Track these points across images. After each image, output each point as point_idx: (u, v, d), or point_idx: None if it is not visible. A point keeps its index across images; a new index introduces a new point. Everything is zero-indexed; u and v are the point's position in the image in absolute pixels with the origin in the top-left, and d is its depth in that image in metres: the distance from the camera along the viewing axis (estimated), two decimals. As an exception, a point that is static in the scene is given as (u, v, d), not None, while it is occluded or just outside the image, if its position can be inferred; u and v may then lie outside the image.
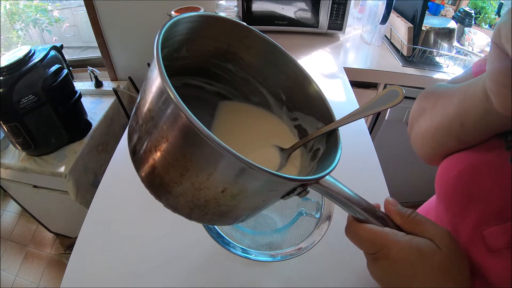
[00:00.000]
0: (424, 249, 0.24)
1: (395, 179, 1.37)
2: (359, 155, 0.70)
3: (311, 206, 0.45)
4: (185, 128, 0.20)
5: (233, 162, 0.20)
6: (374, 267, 0.26)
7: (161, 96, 0.20)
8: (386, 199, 0.28)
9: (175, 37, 0.26)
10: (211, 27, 0.29)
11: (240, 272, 0.48)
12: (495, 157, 0.28)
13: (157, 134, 0.22)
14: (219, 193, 0.22)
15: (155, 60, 0.21)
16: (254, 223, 0.53)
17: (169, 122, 0.21)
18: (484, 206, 0.29)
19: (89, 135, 1.17)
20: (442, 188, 0.34)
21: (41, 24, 1.64)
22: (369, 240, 0.25)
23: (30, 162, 1.07)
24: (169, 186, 0.24)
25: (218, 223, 0.28)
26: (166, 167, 0.23)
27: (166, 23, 0.24)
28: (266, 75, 0.34)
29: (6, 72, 0.89)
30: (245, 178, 0.21)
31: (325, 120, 0.32)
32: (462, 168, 0.31)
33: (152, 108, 0.22)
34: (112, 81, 1.46)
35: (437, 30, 1.08)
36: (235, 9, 1.05)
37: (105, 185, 0.62)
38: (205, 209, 0.24)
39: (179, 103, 0.19)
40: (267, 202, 0.27)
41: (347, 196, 0.27)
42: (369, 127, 1.27)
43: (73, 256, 0.50)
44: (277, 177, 0.21)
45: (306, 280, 0.47)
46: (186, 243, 0.51)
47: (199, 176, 0.22)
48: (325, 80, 0.98)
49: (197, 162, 0.21)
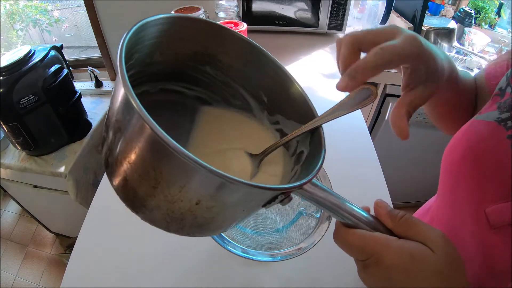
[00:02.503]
0: (417, 253, 0.23)
1: (395, 179, 1.37)
2: (359, 155, 0.70)
3: (311, 206, 0.45)
4: (151, 140, 0.19)
5: (205, 174, 0.19)
6: (365, 274, 0.25)
7: (126, 105, 0.19)
8: (375, 202, 0.27)
9: (144, 42, 0.25)
10: (184, 29, 0.27)
11: (240, 272, 0.48)
12: (496, 139, 0.30)
13: (125, 145, 0.21)
14: (193, 205, 0.21)
15: (117, 68, 0.20)
16: (254, 223, 0.53)
17: (135, 133, 0.20)
18: (487, 186, 0.30)
19: (89, 135, 1.17)
20: (448, 170, 0.35)
21: (41, 24, 1.65)
22: (359, 247, 0.24)
23: (30, 162, 1.07)
24: (143, 199, 0.23)
25: (199, 235, 0.27)
26: (138, 180, 0.22)
27: (132, 27, 0.22)
28: (246, 77, 0.33)
29: (6, 72, 0.89)
30: (219, 190, 0.20)
31: (308, 122, 0.30)
32: (467, 151, 0.32)
33: (119, 118, 0.21)
34: (112, 81, 1.46)
35: (437, 30, 1.08)
36: (235, 9, 1.05)
37: (105, 185, 0.62)
38: (182, 222, 0.23)
39: (143, 113, 0.17)
40: (248, 212, 0.25)
41: (333, 201, 0.25)
42: (369, 127, 1.27)
43: (73, 256, 0.50)
44: (253, 188, 0.20)
45: (306, 280, 0.47)
46: (186, 243, 0.51)
47: (171, 188, 0.21)
48: (325, 80, 0.98)
49: (167, 175, 0.20)
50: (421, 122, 1.16)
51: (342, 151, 0.70)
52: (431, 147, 1.26)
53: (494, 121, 0.31)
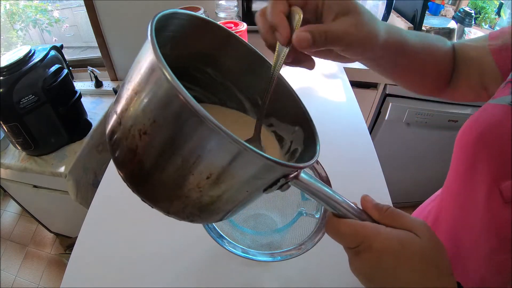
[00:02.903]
0: (405, 238, 0.24)
1: (395, 179, 1.37)
2: (359, 155, 0.70)
3: (311, 206, 0.45)
4: (177, 105, 0.19)
5: (226, 142, 0.19)
6: (357, 261, 0.26)
7: (152, 72, 0.20)
8: (362, 196, 0.28)
9: (165, 32, 0.26)
10: (198, 29, 0.29)
11: (240, 272, 0.48)
12: (509, 122, 0.32)
13: (142, 115, 0.21)
14: (203, 179, 0.22)
15: (148, 39, 0.20)
16: (254, 223, 0.53)
17: (157, 99, 0.20)
18: (501, 165, 0.32)
19: (89, 135, 1.17)
20: (463, 151, 0.37)
21: (41, 24, 1.65)
22: (351, 234, 0.26)
23: (30, 162, 1.07)
24: (150, 174, 0.23)
25: (197, 219, 0.27)
26: (149, 152, 0.22)
27: (163, 12, 0.23)
28: (244, 81, 0.34)
29: (6, 72, 0.89)
30: (233, 161, 0.21)
31: (301, 122, 0.32)
32: (482, 133, 0.34)
33: (139, 88, 0.21)
34: (112, 81, 1.46)
35: (437, 30, 1.08)
36: (235, 9, 1.05)
37: (105, 185, 0.62)
38: (186, 201, 0.23)
39: (173, 79, 0.18)
40: (251, 195, 0.26)
41: (325, 193, 0.27)
42: (369, 127, 1.27)
43: (73, 256, 0.50)
44: (266, 160, 0.20)
45: (306, 280, 0.47)
46: (186, 243, 0.51)
47: (185, 159, 0.21)
48: (325, 80, 0.98)
49: (185, 144, 0.20)
50: (421, 122, 1.16)
51: (342, 151, 0.70)
52: (431, 147, 1.27)
53: (508, 105, 0.33)
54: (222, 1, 1.04)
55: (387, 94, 1.13)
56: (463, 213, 0.39)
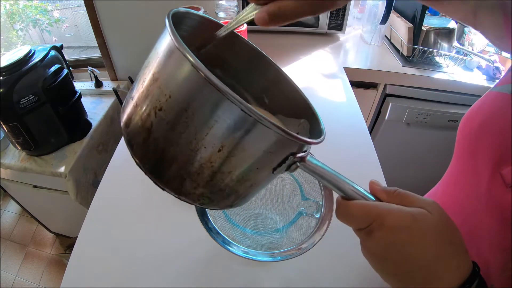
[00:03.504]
0: (417, 214, 0.24)
1: (395, 179, 1.38)
2: (359, 155, 0.70)
3: (311, 206, 0.45)
4: (192, 76, 0.20)
5: (239, 111, 0.20)
6: (369, 242, 0.25)
7: (170, 54, 0.21)
8: (370, 181, 0.29)
9: (178, 31, 0.26)
10: (208, 31, 0.29)
11: (240, 272, 0.48)
12: (509, 108, 0.33)
13: (159, 92, 0.22)
14: (215, 153, 0.22)
15: (166, 26, 0.22)
16: (254, 223, 0.53)
17: (176, 76, 0.21)
18: (502, 150, 0.33)
19: (89, 135, 1.17)
20: (467, 137, 0.38)
21: (41, 24, 1.65)
22: (362, 214, 0.25)
23: (30, 162, 1.07)
24: (164, 150, 0.23)
25: (207, 203, 0.26)
26: (164, 128, 0.23)
27: (177, 8, 0.24)
28: (251, 80, 0.35)
29: (6, 72, 0.89)
30: (247, 132, 0.21)
31: (307, 115, 0.33)
32: (484, 121, 0.35)
33: (156, 70, 0.22)
34: (112, 81, 1.46)
35: (437, 30, 1.08)
36: (235, 9, 1.05)
37: (105, 185, 0.62)
38: (197, 179, 0.24)
39: (191, 55, 0.19)
40: (260, 173, 0.26)
41: (333, 175, 0.27)
42: (369, 127, 1.27)
43: (73, 256, 0.50)
44: (278, 130, 0.21)
45: (306, 280, 0.47)
46: (186, 243, 0.51)
47: (199, 132, 0.22)
48: (325, 80, 0.98)
49: (199, 114, 0.21)
50: (421, 122, 1.16)
51: (342, 151, 0.70)
52: (431, 147, 1.27)
53: (510, 93, 0.34)
54: (222, 1, 1.04)
55: (387, 94, 1.14)
56: (467, 199, 0.39)
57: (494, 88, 0.37)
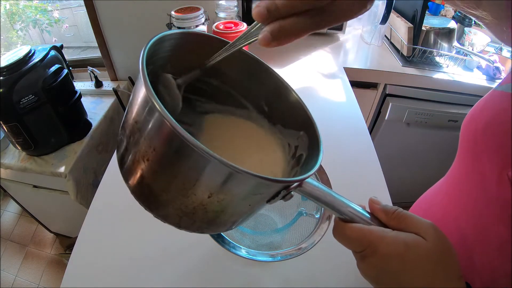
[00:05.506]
0: (411, 241, 0.24)
1: (395, 179, 1.37)
2: (359, 155, 0.70)
3: (311, 206, 0.45)
4: (170, 136, 0.20)
5: (217, 166, 0.20)
6: (363, 265, 0.26)
7: (146, 105, 0.21)
8: (370, 199, 0.29)
9: (159, 54, 0.27)
10: (193, 44, 0.30)
11: (240, 272, 0.48)
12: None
13: (144, 144, 0.22)
14: (205, 198, 0.23)
15: (140, 73, 0.21)
16: (254, 223, 0.53)
17: (154, 131, 0.21)
18: (508, 151, 0.32)
19: (89, 135, 1.17)
20: (471, 139, 0.38)
21: (41, 25, 1.64)
22: (356, 238, 0.26)
23: (30, 162, 1.07)
24: (158, 195, 0.24)
25: (207, 231, 0.28)
26: (154, 176, 0.23)
27: (151, 39, 0.24)
28: (249, 89, 0.35)
29: (6, 72, 0.89)
30: (229, 182, 0.22)
31: (305, 127, 0.32)
32: (487, 121, 0.35)
33: (138, 119, 0.23)
34: (112, 81, 1.46)
35: (437, 30, 1.08)
36: (235, 9, 1.04)
37: (105, 185, 0.62)
38: (193, 217, 0.25)
39: (163, 112, 0.19)
40: (253, 207, 0.27)
41: (331, 198, 0.27)
42: (369, 127, 1.27)
43: (73, 256, 0.50)
44: (260, 179, 0.21)
45: (306, 280, 0.47)
46: (186, 243, 0.51)
47: (186, 182, 0.22)
48: (325, 80, 0.98)
49: (183, 169, 0.22)
50: (421, 122, 1.16)
51: (342, 151, 0.70)
52: (431, 147, 1.27)
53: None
54: (222, 1, 1.04)
55: (387, 94, 1.14)
56: (474, 202, 0.39)
57: (498, 87, 0.37)
